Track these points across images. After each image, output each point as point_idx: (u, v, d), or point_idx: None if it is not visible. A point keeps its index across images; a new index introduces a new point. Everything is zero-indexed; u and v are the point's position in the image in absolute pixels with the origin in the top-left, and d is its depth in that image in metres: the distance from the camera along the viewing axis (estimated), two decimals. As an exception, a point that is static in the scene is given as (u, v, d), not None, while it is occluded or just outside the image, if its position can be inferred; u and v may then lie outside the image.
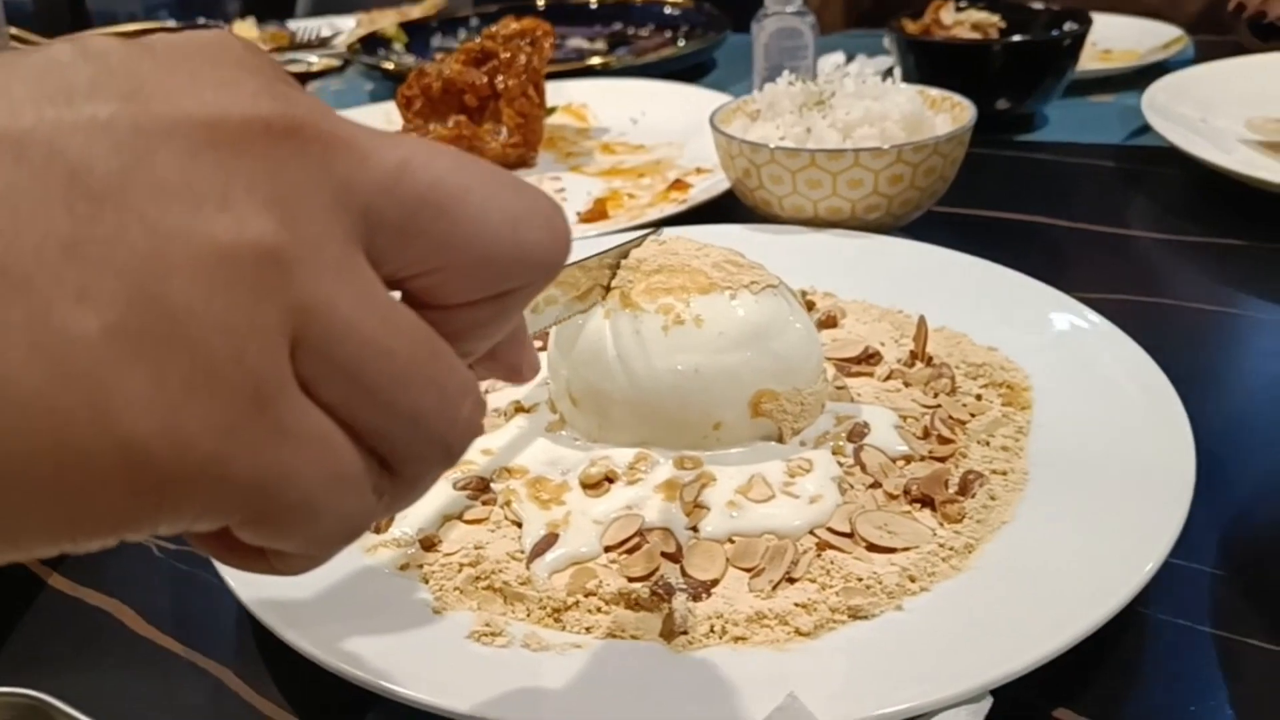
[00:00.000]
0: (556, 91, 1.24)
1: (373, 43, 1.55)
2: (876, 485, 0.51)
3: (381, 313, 0.23)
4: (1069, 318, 0.62)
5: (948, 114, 0.82)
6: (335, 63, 1.27)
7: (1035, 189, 0.96)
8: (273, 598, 0.45)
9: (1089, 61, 1.28)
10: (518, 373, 0.32)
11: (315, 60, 1.27)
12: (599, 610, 0.45)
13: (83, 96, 0.20)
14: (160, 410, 0.19)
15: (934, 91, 0.84)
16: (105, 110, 0.20)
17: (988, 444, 0.54)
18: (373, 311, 0.22)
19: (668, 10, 1.60)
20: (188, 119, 0.21)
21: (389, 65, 1.42)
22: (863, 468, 0.52)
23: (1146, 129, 0.96)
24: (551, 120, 1.20)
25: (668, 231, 0.74)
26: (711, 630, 0.44)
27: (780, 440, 0.54)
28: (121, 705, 0.46)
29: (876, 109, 0.76)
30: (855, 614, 0.44)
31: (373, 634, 0.44)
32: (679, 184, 0.96)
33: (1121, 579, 0.43)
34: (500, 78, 1.04)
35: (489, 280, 0.26)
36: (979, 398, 0.58)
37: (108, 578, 0.55)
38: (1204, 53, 1.33)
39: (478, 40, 1.10)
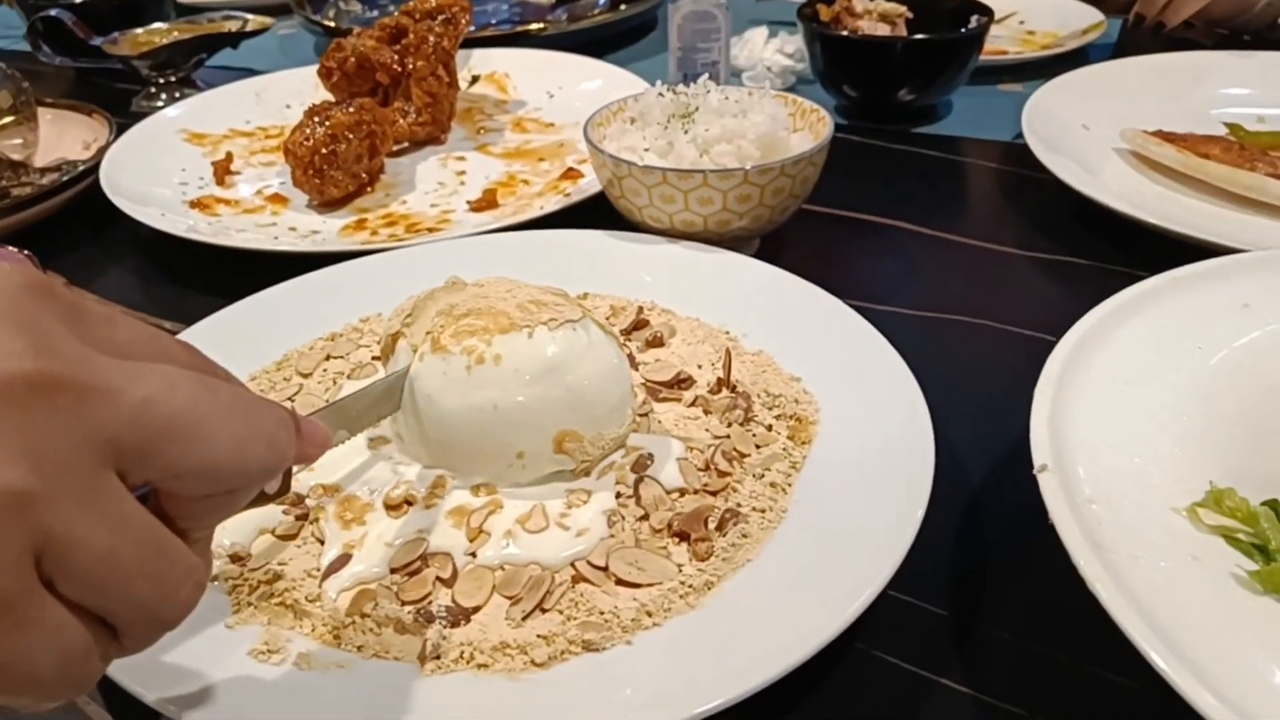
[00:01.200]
0: (482, 60, 1.27)
1: (324, -14, 1.57)
2: (646, 518, 0.57)
3: (114, 525, 0.30)
4: (870, 353, 0.66)
5: (808, 131, 0.85)
6: (268, 21, 1.29)
7: (916, 190, 1.00)
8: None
9: (1010, 42, 1.31)
10: None
11: (250, 18, 1.30)
12: (371, 631, 0.51)
13: None
14: None
15: (803, 102, 0.87)
16: None
17: (761, 478, 0.59)
18: (105, 526, 0.29)
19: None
20: None
21: (329, 22, 1.44)
22: (638, 500, 0.57)
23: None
24: (474, 90, 1.23)
25: (540, 248, 0.79)
26: (460, 656, 0.49)
27: (579, 474, 0.59)
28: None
29: (734, 126, 0.80)
30: (588, 646, 0.49)
31: (167, 648, 0.50)
32: (571, 172, 1.00)
33: (828, 623, 0.48)
34: (410, 58, 1.07)
35: (218, 485, 0.33)
36: (770, 428, 0.63)
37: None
38: (1129, 38, 1.35)
39: (395, 14, 1.12)
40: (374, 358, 0.72)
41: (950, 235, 0.91)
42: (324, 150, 0.94)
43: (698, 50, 1.15)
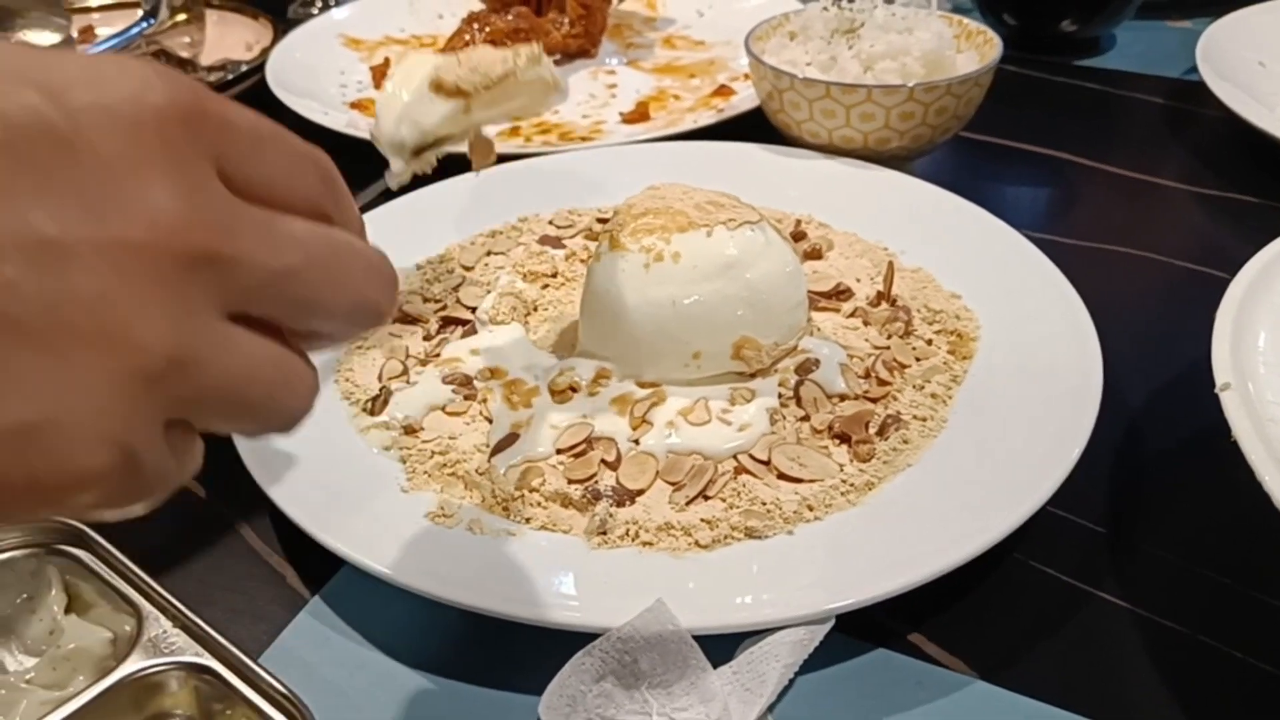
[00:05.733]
0: (633, -23, 1.26)
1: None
2: (806, 419, 0.57)
3: (245, 358, 0.28)
4: (1032, 272, 0.65)
5: (975, 51, 0.83)
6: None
7: (1075, 122, 0.97)
8: (273, 466, 0.54)
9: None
10: None
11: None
12: (539, 505, 0.53)
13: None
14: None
15: (970, 23, 0.86)
16: None
17: (921, 389, 0.59)
18: (238, 360, 0.28)
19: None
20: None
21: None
22: (798, 401, 0.58)
23: (1205, 64, 0.96)
24: (622, 6, 1.23)
25: (694, 160, 0.79)
26: (626, 534, 0.51)
27: (748, 376, 0.60)
28: (148, 539, 0.55)
29: (900, 43, 0.79)
30: (750, 533, 0.50)
31: (350, 505, 0.53)
32: (723, 90, 0.99)
33: (990, 527, 0.48)
34: (566, -31, 1.08)
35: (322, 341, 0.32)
36: (929, 342, 0.63)
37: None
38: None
39: (551, -72, 1.13)
40: (532, 254, 0.73)
41: (1114, 168, 0.88)
42: (482, 56, 0.95)
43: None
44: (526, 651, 0.48)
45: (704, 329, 0.58)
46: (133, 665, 0.45)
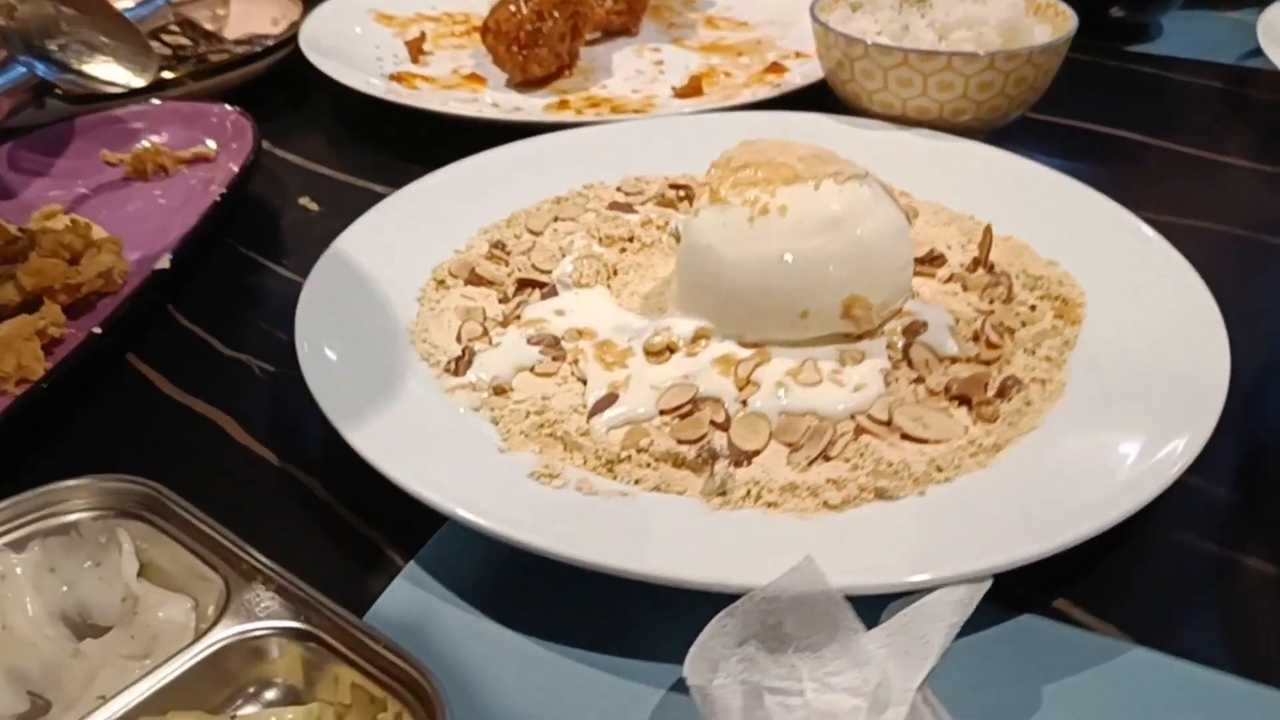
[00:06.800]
0: (669, -42, 1.24)
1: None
2: (920, 381, 0.55)
3: None
4: (1133, 239, 0.63)
5: (1049, 23, 0.81)
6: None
7: (1134, 104, 0.95)
8: (358, 421, 0.51)
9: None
10: None
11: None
12: (648, 466, 0.50)
13: None
14: None
15: (1040, -4, 0.84)
16: None
17: (1033, 353, 0.57)
18: None
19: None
20: None
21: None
22: (910, 363, 0.55)
23: (1260, 51, 0.94)
24: (660, -12, 1.21)
25: (760, 131, 0.76)
26: (748, 494, 0.48)
27: (854, 338, 0.57)
28: (222, 499, 0.52)
29: (975, 13, 0.77)
30: (880, 494, 0.48)
31: (443, 463, 0.49)
32: (776, 67, 0.97)
33: (1130, 492, 0.46)
34: (610, -56, 1.05)
35: None
36: (1033, 308, 0.60)
37: (212, 390, 0.61)
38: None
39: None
40: (605, 219, 0.70)
41: (1182, 147, 0.86)
42: (529, 26, 0.93)
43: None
44: (640, 616, 0.45)
45: (813, 286, 0.55)
46: (226, 631, 0.41)
